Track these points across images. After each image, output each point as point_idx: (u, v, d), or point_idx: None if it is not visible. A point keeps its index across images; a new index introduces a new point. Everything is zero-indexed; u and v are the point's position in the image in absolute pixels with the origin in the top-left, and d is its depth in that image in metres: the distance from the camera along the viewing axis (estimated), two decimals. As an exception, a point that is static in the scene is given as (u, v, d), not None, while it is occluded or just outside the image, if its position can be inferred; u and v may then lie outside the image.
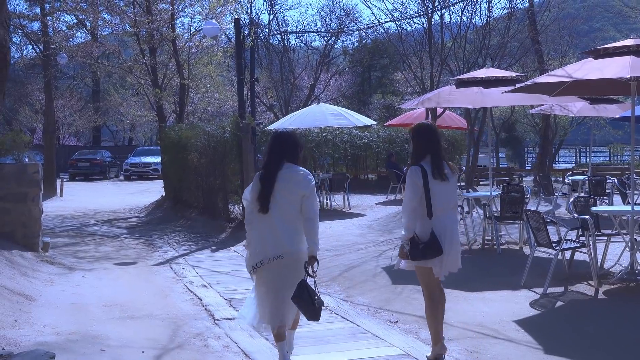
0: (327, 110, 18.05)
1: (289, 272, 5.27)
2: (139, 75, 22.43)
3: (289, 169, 5.32)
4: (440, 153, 5.52)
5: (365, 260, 10.40)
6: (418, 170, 5.46)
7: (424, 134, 5.58)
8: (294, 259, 5.27)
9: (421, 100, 12.18)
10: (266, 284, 5.37)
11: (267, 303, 5.38)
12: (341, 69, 44.38)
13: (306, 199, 5.26)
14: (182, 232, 15.11)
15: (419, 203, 5.46)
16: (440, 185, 5.46)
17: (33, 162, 12.08)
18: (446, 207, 5.52)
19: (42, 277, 9.42)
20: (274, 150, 5.39)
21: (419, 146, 5.57)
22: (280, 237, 5.24)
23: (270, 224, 5.26)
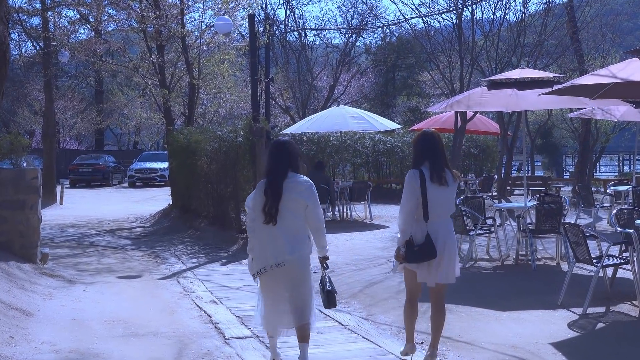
0: (347, 113, 18.08)
1: (290, 280, 5.84)
2: (146, 74, 22.58)
3: (292, 178, 5.79)
4: (441, 159, 6.09)
5: (388, 276, 10.38)
6: (416, 174, 6.03)
7: (425, 141, 6.17)
8: (294, 266, 5.81)
9: (450, 102, 12.16)
10: (267, 290, 5.98)
11: (273, 307, 5.98)
12: (363, 68, 44.43)
13: (309, 210, 5.78)
14: (191, 244, 15.16)
15: (415, 206, 6.01)
16: (438, 190, 6.01)
17: (32, 168, 12.18)
18: (443, 212, 6.08)
19: (40, 290, 9.48)
20: (278, 159, 5.83)
21: (419, 151, 6.16)
22: (281, 246, 5.75)
23: (272, 233, 5.78)
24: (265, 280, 5.93)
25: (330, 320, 8.11)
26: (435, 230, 6.01)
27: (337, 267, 11.37)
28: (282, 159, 5.84)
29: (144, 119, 36.68)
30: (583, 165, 22.71)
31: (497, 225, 11.62)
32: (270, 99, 21.46)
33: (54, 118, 27.95)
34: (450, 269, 6.14)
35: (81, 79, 52.52)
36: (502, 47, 20.98)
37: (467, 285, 9.69)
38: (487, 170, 26.47)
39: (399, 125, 21.50)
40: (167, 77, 22.14)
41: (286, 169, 5.80)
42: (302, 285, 5.91)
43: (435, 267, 6.07)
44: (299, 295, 5.92)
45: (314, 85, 36.76)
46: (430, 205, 5.98)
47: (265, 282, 5.94)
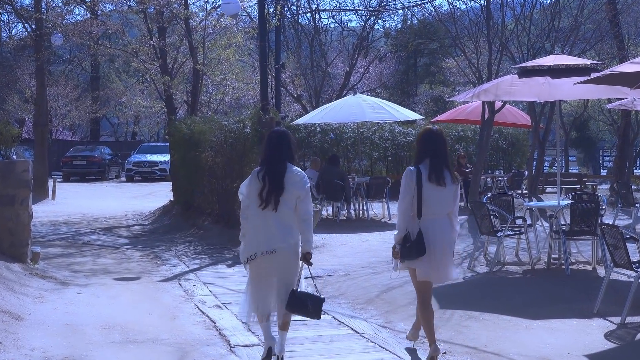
0: (364, 103, 18.07)
1: (281, 267, 6.48)
2: (146, 59, 22.63)
3: (288, 169, 6.44)
4: (442, 159, 6.62)
5: (408, 281, 10.29)
6: (413, 172, 6.59)
7: (429, 139, 6.69)
8: (285, 254, 6.45)
9: (477, 92, 12.13)
10: (259, 277, 6.56)
11: (255, 293, 6.57)
12: (382, 54, 44.33)
13: (301, 201, 6.41)
14: (193, 243, 15.21)
15: (411, 204, 6.56)
16: (435, 189, 6.55)
17: (22, 159, 12.26)
18: (438, 212, 6.60)
19: (31, 292, 9.54)
20: (279, 148, 6.48)
21: (420, 149, 6.70)
22: (273, 233, 6.40)
23: (265, 220, 6.42)
24: (255, 267, 6.54)
25: (345, 328, 8.12)
26: (428, 228, 6.55)
27: (352, 270, 11.38)
28: (283, 149, 6.47)
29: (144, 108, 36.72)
30: (622, 161, 22.58)
31: (528, 225, 11.59)
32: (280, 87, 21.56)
33: (46, 106, 28.09)
34: (442, 269, 6.68)
35: (76, 64, 52.61)
36: (535, 31, 20.88)
37: (494, 291, 9.68)
38: (517, 165, 26.40)
39: (420, 116, 21.48)
40: (169, 62, 22.18)
41: (285, 159, 6.44)
42: (289, 274, 6.52)
43: (432, 264, 6.61)
44: (285, 284, 6.50)
45: (329, 72, 36.72)
46: (425, 204, 6.53)
47: (255, 269, 6.55)
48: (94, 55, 33.39)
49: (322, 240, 14.19)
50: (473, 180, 16.79)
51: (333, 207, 18.06)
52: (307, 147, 23.99)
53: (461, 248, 12.75)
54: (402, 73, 47.29)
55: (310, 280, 6.88)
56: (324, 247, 13.75)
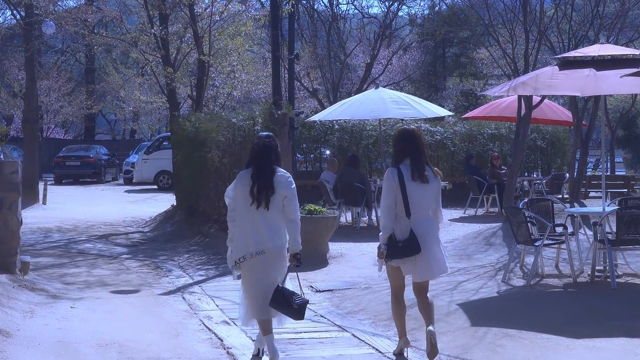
0: (387, 97, 18.04)
1: (270, 267, 7.23)
2: (146, 49, 22.72)
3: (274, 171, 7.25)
4: (421, 157, 7.40)
5: (436, 294, 10.34)
6: (394, 172, 7.35)
7: (405, 138, 7.47)
8: (274, 254, 7.23)
9: (513, 85, 12.09)
10: (250, 279, 7.31)
11: (253, 297, 7.31)
12: (407, 43, 44.31)
13: (288, 201, 7.22)
14: (198, 253, 15.23)
15: (394, 203, 7.30)
16: (419, 187, 7.32)
17: (10, 160, 12.32)
18: (423, 209, 7.37)
19: (20, 306, 9.57)
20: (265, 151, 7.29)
21: (398, 150, 7.49)
22: (262, 234, 7.17)
23: (253, 222, 7.20)
24: (247, 270, 7.30)
25: (366, 347, 8.12)
26: (418, 226, 7.28)
27: (374, 283, 11.36)
28: (270, 151, 7.32)
29: (144, 103, 36.98)
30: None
31: (569, 234, 11.53)
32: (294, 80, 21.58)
33: (37, 101, 28.19)
34: (433, 265, 7.38)
35: (69, 55, 52.89)
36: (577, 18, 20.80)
37: (532, 306, 9.64)
38: (557, 167, 26.27)
39: (449, 112, 21.39)
40: (172, 53, 22.25)
41: (272, 160, 7.28)
42: (276, 277, 7.26)
43: (420, 263, 7.30)
44: (272, 284, 7.21)
45: (347, 63, 36.72)
46: (412, 202, 7.28)
47: (247, 271, 7.30)
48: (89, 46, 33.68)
49: (340, 249, 14.18)
50: (508, 183, 16.71)
51: (353, 212, 18.04)
52: (324, 146, 24.00)
53: (495, 259, 12.72)
54: (429, 65, 47.22)
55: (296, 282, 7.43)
56: (342, 257, 13.74)
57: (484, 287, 10.75)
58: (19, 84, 38.65)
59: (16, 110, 41.86)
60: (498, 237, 14.23)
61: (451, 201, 22.27)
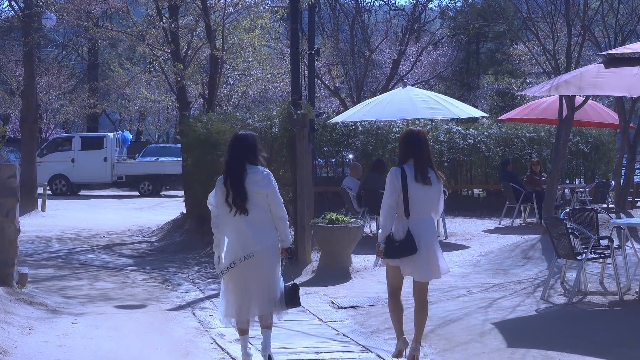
0: (416, 97, 18.04)
1: (259, 269, 7.76)
2: (154, 44, 22.77)
3: (250, 170, 7.76)
4: (425, 158, 7.94)
5: (469, 312, 10.34)
6: (398, 171, 7.89)
7: (410, 140, 8.00)
8: (263, 256, 7.75)
9: (554, 84, 12.06)
10: (235, 281, 7.82)
11: (234, 298, 7.83)
12: (437, 38, 44.30)
13: (270, 198, 7.76)
14: (210, 265, 15.23)
15: (395, 202, 7.84)
16: (421, 188, 7.86)
17: (8, 163, 12.36)
18: (424, 211, 7.93)
19: (17, 322, 9.61)
20: (236, 153, 7.82)
21: (403, 151, 8.03)
22: (249, 238, 7.71)
23: (237, 226, 7.74)
24: (235, 273, 7.78)
25: (393, 369, 8.11)
26: (416, 227, 7.82)
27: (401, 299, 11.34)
28: (239, 153, 7.81)
29: (151, 102, 36.98)
30: None
31: (615, 247, 11.48)
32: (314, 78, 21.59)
33: (36, 99, 28.29)
34: (433, 266, 7.94)
35: (71, 50, 53.14)
36: (624, 11, 20.72)
37: (575, 326, 9.60)
38: (601, 174, 26.14)
39: (483, 113, 21.38)
40: (182, 48, 22.29)
41: (243, 163, 7.75)
42: (270, 275, 7.84)
43: (418, 263, 7.84)
44: (266, 284, 7.82)
45: (372, 59, 36.75)
46: (412, 203, 7.83)
47: (235, 275, 7.79)
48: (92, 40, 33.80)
49: (363, 262, 14.18)
50: (548, 191, 16.64)
51: (377, 222, 18.03)
52: (346, 150, 24.00)
53: (533, 274, 12.68)
54: (462, 61, 47.14)
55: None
56: (366, 271, 13.73)
57: (522, 304, 10.71)
58: (17, 81, 38.75)
59: (13, 110, 41.98)
60: (537, 251, 14.18)
61: (485, 210, 22.23)
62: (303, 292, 11.99)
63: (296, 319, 10.27)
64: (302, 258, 14.31)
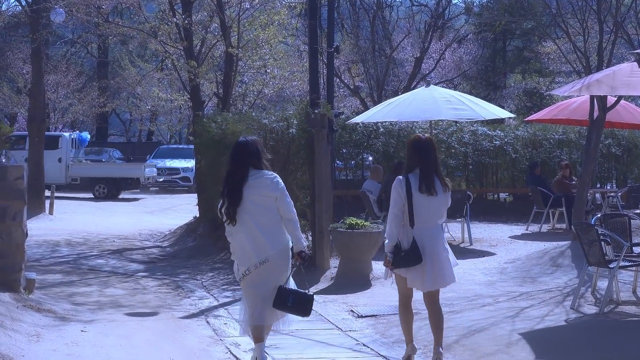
0: (440, 97, 18.00)
1: (274, 273, 7.99)
2: (167, 40, 22.84)
3: (254, 175, 7.98)
4: (432, 168, 8.17)
5: (495, 322, 10.31)
6: (402, 182, 8.16)
7: (417, 148, 8.24)
8: (278, 259, 7.99)
9: (585, 83, 12.04)
10: (252, 287, 8.05)
11: (252, 304, 8.04)
12: (462, 35, 44.24)
13: (279, 201, 7.94)
14: (224, 271, 15.26)
15: (401, 212, 8.12)
16: (426, 198, 8.10)
17: (15, 164, 12.39)
18: (429, 220, 8.16)
19: (24, 329, 9.65)
20: (237, 160, 8.05)
21: (410, 158, 8.29)
22: (261, 243, 7.92)
23: (249, 232, 7.96)
24: (252, 279, 8.02)
25: (416, 381, 8.10)
26: (421, 236, 8.07)
27: (423, 308, 11.31)
28: (239, 160, 8.04)
29: (163, 101, 37.07)
30: None
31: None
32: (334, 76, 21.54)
33: (44, 98, 28.38)
34: (439, 274, 8.15)
35: (80, 47, 53.38)
36: (658, 7, 20.62)
37: (606, 338, 9.56)
38: (634, 178, 26.04)
39: (510, 114, 21.31)
40: (196, 45, 22.34)
41: (245, 169, 7.97)
42: (282, 279, 8.03)
43: (424, 273, 8.07)
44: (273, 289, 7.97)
45: (394, 57, 36.72)
46: (417, 213, 8.08)
47: (252, 280, 8.02)
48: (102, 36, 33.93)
49: (384, 269, 14.14)
50: (578, 196, 16.59)
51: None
52: (366, 152, 23.98)
53: (563, 282, 12.63)
54: (487, 59, 47.01)
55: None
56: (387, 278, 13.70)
57: (551, 314, 10.67)
58: (24, 79, 39.00)
59: (20, 109, 42.19)
60: (566, 258, 14.14)
61: (512, 215, 22.17)
62: (321, 299, 12.07)
63: (314, 327, 10.28)
64: (320, 264, 14.31)
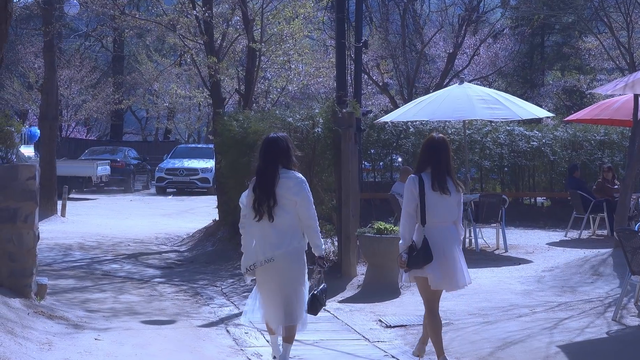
0: (474, 95, 17.95)
1: (284, 274, 8.29)
2: (186, 34, 22.89)
3: (284, 175, 8.26)
4: (444, 167, 8.53)
5: (532, 334, 10.28)
6: (415, 180, 8.50)
7: (430, 147, 8.60)
8: (285, 260, 8.27)
9: (629, 81, 12.00)
10: (261, 285, 8.50)
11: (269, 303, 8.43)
12: (497, 30, 44.07)
13: (300, 206, 8.22)
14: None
15: (414, 211, 8.46)
16: (439, 197, 8.45)
17: (27, 163, 12.41)
18: (442, 220, 8.49)
19: (35, 337, 9.68)
20: (268, 158, 8.31)
21: (422, 158, 8.63)
22: (271, 241, 8.24)
23: (262, 229, 8.28)
24: (259, 276, 8.44)
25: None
26: (433, 235, 8.39)
27: (456, 318, 11.33)
28: (273, 155, 8.29)
29: (181, 98, 37.20)
30: None
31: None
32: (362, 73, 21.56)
33: (56, 94, 28.45)
34: (459, 274, 8.48)
35: (94, 40, 53.58)
36: None
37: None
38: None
39: (549, 113, 21.22)
40: (216, 39, 22.38)
41: (276, 167, 8.25)
42: (293, 282, 8.34)
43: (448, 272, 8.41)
44: (289, 292, 8.31)
45: (425, 53, 36.66)
46: (429, 212, 8.41)
47: (260, 279, 8.46)
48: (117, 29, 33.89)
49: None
50: (620, 200, 16.52)
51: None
52: (396, 153, 23.95)
53: (604, 292, 12.58)
54: (525, 55, 46.91)
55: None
56: (416, 287, 13.69)
57: (591, 326, 10.63)
58: (36, 74, 39.21)
59: (31, 105, 42.40)
60: (608, 266, 14.08)
61: (550, 221, 22.09)
62: (347, 308, 12.10)
63: (340, 338, 10.31)
64: (346, 271, 14.32)
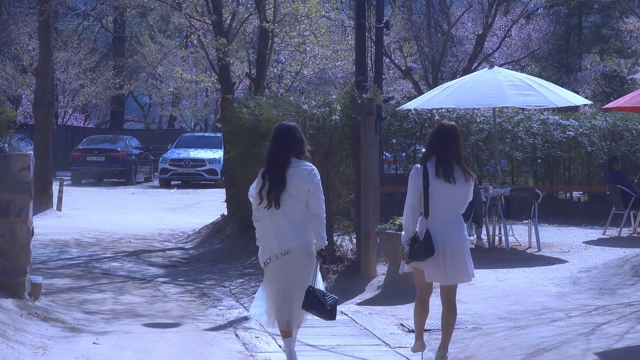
0: (505, 80, 17.92)
1: (297, 267, 8.65)
2: (192, 13, 22.88)
3: (294, 164, 8.60)
4: (451, 154, 8.68)
5: (567, 339, 10.27)
6: (419, 170, 8.71)
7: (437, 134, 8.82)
8: (301, 253, 8.64)
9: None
10: (274, 280, 8.76)
11: (274, 298, 8.72)
12: (530, 9, 43.97)
13: (311, 195, 8.59)
14: (256, 277, 15.29)
15: (418, 202, 8.68)
16: (443, 186, 8.62)
17: (21, 153, 12.43)
18: (446, 211, 8.71)
19: (30, 340, 9.71)
20: (281, 145, 8.66)
21: (429, 146, 8.91)
22: (286, 233, 8.60)
23: (276, 221, 8.63)
24: (273, 270, 8.74)
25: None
26: (436, 227, 8.63)
27: (484, 323, 11.33)
28: (285, 144, 8.65)
29: (187, 83, 37.28)
30: None
31: None
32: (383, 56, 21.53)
33: (52, 78, 28.39)
34: (457, 269, 8.72)
35: (93, 20, 53.61)
36: None
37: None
38: None
39: (586, 101, 21.16)
40: (225, 19, 22.36)
41: (288, 155, 8.60)
42: (305, 274, 8.66)
43: (445, 266, 8.65)
44: (302, 285, 8.57)
45: (452, 35, 36.59)
46: (432, 202, 8.63)
47: (273, 271, 8.75)
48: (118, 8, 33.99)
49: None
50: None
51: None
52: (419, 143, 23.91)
53: (637, 297, 12.54)
54: (560, 38, 46.76)
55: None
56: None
57: (632, 331, 10.62)
58: (30, 56, 39.24)
59: (25, 90, 42.39)
60: (642, 268, 14.06)
61: (587, 217, 22.04)
62: (367, 311, 12.13)
63: (359, 343, 10.32)
64: (365, 271, 14.32)
